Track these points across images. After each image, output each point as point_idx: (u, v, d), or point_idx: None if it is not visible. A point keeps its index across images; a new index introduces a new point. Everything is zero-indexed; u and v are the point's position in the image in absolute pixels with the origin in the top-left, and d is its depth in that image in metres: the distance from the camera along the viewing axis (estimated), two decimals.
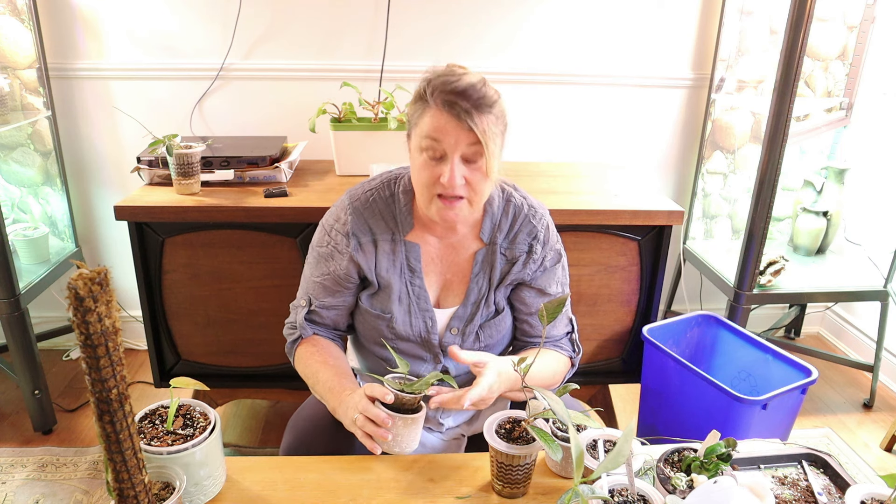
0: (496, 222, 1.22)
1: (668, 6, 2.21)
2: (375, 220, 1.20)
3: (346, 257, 1.19)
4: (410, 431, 0.96)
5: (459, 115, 1.04)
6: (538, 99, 2.28)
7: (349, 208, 1.21)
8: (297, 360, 1.23)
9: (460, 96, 1.05)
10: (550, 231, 1.25)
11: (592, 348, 1.92)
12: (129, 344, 2.47)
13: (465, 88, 1.05)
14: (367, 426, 0.97)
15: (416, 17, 2.15)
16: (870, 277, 2.17)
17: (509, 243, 1.23)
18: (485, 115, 1.06)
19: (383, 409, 0.96)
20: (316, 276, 1.23)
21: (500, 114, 1.10)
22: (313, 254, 1.25)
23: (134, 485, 0.71)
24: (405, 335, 1.23)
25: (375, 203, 1.21)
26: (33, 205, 2.21)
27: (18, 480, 1.79)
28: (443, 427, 1.30)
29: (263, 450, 1.98)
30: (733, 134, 2.31)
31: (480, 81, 1.08)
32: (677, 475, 0.90)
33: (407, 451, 0.98)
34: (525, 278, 1.24)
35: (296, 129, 2.17)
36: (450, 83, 1.06)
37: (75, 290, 0.58)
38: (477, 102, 1.05)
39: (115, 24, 2.10)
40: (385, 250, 1.20)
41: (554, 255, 1.25)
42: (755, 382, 1.76)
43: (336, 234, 1.21)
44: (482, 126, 1.05)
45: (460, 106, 1.04)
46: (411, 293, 1.21)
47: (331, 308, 1.23)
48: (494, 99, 1.08)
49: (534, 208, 1.24)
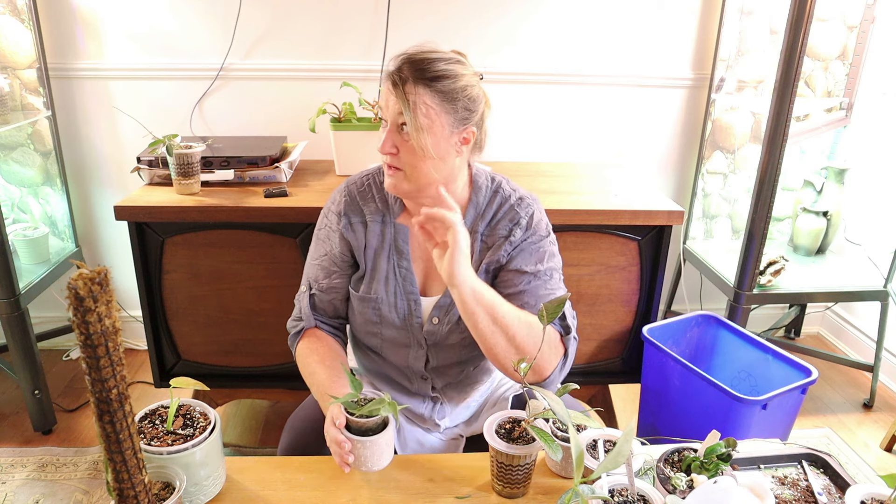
0: (480, 211, 1.21)
1: (668, 6, 2.21)
2: (367, 203, 1.22)
3: (338, 235, 1.22)
4: (372, 453, 0.95)
5: (395, 83, 1.06)
6: (538, 99, 2.28)
7: (344, 190, 1.24)
8: (298, 356, 1.23)
9: (406, 63, 1.06)
10: (535, 219, 1.20)
11: (592, 348, 1.92)
12: (129, 344, 2.47)
13: (412, 57, 1.06)
14: (332, 447, 0.97)
15: (415, 17, 2.15)
16: (870, 277, 2.17)
17: (490, 230, 1.21)
18: (422, 87, 1.05)
19: (343, 432, 0.95)
20: (314, 258, 1.26)
21: (447, 91, 1.06)
22: (314, 239, 1.28)
23: (134, 485, 0.71)
24: (390, 319, 1.22)
25: (370, 187, 1.23)
26: (33, 205, 2.21)
27: (18, 480, 1.79)
28: (440, 427, 1.30)
29: (263, 450, 1.97)
30: (733, 134, 2.31)
31: (442, 58, 1.07)
32: (677, 475, 0.90)
33: (374, 469, 0.97)
34: (501, 260, 1.20)
35: (296, 129, 2.17)
36: (407, 53, 1.08)
37: (75, 290, 0.58)
38: (417, 74, 1.05)
39: (115, 24, 2.10)
40: (375, 231, 1.21)
41: (536, 238, 1.20)
42: (755, 382, 1.76)
43: (330, 214, 1.24)
44: (412, 97, 1.05)
45: (399, 73, 1.06)
46: (398, 274, 1.21)
47: (329, 290, 1.24)
48: (443, 75, 1.06)
49: (521, 199, 1.22)
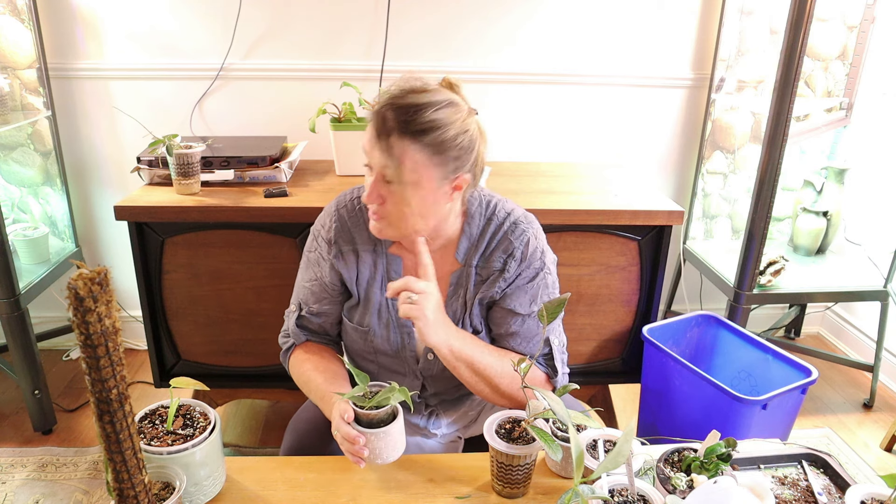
0: (473, 241, 1.16)
1: (668, 6, 2.21)
2: (359, 230, 1.17)
3: (328, 264, 1.17)
4: (386, 444, 0.95)
5: (379, 133, 1.00)
6: (538, 99, 2.28)
7: (335, 215, 1.18)
8: (291, 368, 1.21)
9: (392, 111, 0.99)
10: (529, 248, 1.15)
11: (592, 348, 1.92)
12: (129, 344, 2.47)
13: (400, 105, 0.99)
14: (345, 444, 0.96)
15: (416, 17, 2.15)
16: (870, 277, 2.17)
17: (484, 261, 1.16)
18: (407, 141, 0.98)
19: (354, 427, 0.95)
20: (305, 281, 1.22)
21: (438, 144, 1.00)
22: (304, 258, 1.23)
23: (134, 485, 0.71)
24: (383, 349, 1.20)
25: (361, 212, 1.17)
26: (33, 205, 2.21)
27: (18, 480, 1.79)
28: (436, 436, 1.29)
29: (263, 450, 1.98)
30: (733, 134, 2.31)
31: (430, 105, 0.99)
32: (677, 475, 0.90)
33: (389, 460, 0.97)
34: (495, 296, 1.16)
35: (296, 129, 2.16)
36: (392, 95, 1.01)
37: (75, 290, 0.58)
38: (404, 125, 0.98)
39: (115, 24, 2.09)
40: (366, 261, 1.17)
41: (530, 272, 1.15)
42: (755, 382, 1.76)
43: (321, 240, 1.19)
44: (397, 151, 0.98)
45: (385, 123, 0.99)
46: (391, 306, 1.18)
47: (319, 315, 1.21)
48: (430, 126, 0.99)
49: (515, 224, 1.15)
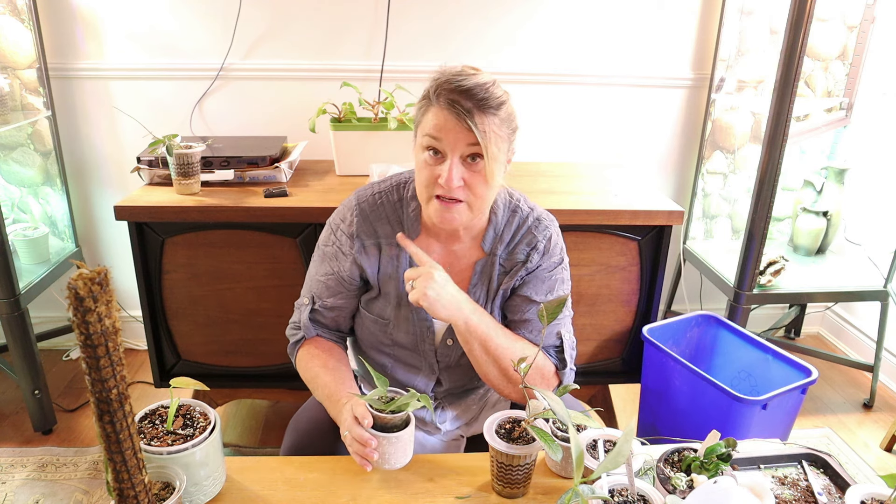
0: (499, 232, 1.19)
1: (668, 6, 2.21)
2: (381, 224, 1.18)
3: (350, 259, 1.18)
4: (397, 449, 0.95)
5: (460, 115, 1.02)
6: (538, 99, 2.28)
7: (356, 209, 1.19)
8: (299, 362, 1.22)
9: (463, 95, 1.03)
10: (552, 243, 1.21)
11: (592, 348, 1.92)
12: (129, 344, 2.47)
13: (469, 87, 1.03)
14: (355, 446, 0.96)
15: (416, 17, 2.15)
16: (870, 277, 2.17)
17: (508, 253, 1.20)
18: (488, 117, 1.03)
19: (368, 430, 0.95)
20: (320, 275, 1.22)
21: (506, 117, 1.07)
22: (319, 252, 1.24)
23: (134, 485, 0.71)
24: (402, 342, 1.21)
25: (383, 206, 1.19)
26: (33, 205, 2.21)
27: (18, 480, 1.79)
28: (441, 430, 1.30)
29: (263, 450, 1.97)
30: (733, 134, 2.31)
31: (489, 82, 1.05)
32: (677, 475, 0.90)
33: (396, 466, 0.97)
34: (515, 284, 1.20)
35: (296, 129, 2.17)
36: (454, 81, 1.04)
37: (75, 290, 0.58)
38: (480, 103, 1.03)
39: (115, 24, 2.09)
40: (388, 255, 1.18)
41: (550, 264, 1.21)
42: (755, 382, 1.76)
43: (341, 234, 1.19)
44: (483, 127, 1.03)
45: (462, 105, 1.02)
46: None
47: (333, 308, 1.22)
48: (501, 101, 1.05)
49: (539, 220, 1.21)
